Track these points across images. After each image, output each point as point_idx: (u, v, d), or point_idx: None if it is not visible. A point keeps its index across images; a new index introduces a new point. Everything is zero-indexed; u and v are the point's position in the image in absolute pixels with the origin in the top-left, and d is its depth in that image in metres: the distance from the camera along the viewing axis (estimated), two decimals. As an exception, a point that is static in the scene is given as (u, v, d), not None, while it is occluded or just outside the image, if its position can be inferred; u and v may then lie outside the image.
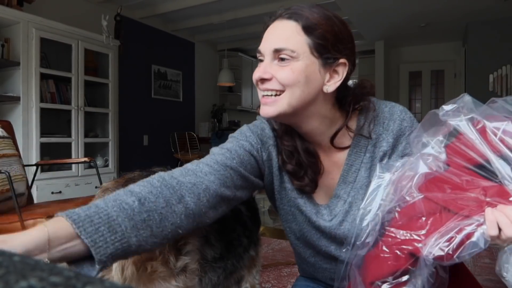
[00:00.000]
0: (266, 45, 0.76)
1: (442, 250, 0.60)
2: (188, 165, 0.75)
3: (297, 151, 0.83)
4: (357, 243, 0.70)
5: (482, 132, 0.64)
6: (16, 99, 3.32)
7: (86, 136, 3.94)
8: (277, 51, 0.74)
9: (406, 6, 4.68)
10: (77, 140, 3.81)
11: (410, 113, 0.84)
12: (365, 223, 0.70)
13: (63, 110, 3.77)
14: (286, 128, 0.84)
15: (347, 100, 0.81)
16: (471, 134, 0.64)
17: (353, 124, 0.83)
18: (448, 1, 4.51)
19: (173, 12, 5.17)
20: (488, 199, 0.60)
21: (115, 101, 4.24)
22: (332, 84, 0.77)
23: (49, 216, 1.71)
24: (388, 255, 0.65)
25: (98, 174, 2.45)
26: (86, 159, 2.59)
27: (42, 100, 3.51)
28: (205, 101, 6.88)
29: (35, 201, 2.71)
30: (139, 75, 5.39)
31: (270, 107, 0.76)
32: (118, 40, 4.29)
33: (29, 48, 3.36)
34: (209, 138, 5.80)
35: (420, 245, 0.62)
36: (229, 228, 0.98)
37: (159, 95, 5.76)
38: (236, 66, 7.19)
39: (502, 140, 0.62)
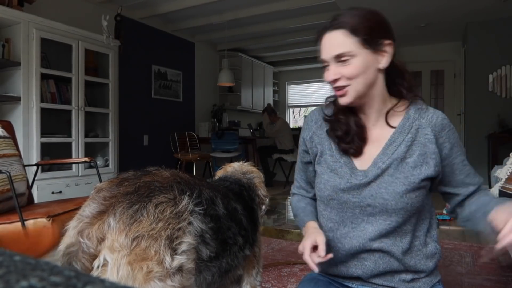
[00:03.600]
0: (328, 54, 0.96)
1: None
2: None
3: (348, 123, 1.03)
4: None
5: None
6: (17, 99, 3.32)
7: (86, 136, 3.94)
8: (338, 56, 0.94)
9: (406, 6, 4.68)
10: (77, 140, 3.82)
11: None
12: None
13: (63, 110, 3.77)
14: (342, 108, 1.04)
15: (399, 83, 1.02)
16: None
17: (401, 108, 1.02)
18: (448, 1, 4.51)
19: (173, 12, 5.17)
20: None
21: (115, 101, 4.24)
22: (384, 61, 0.96)
23: (50, 216, 1.72)
24: None
25: (99, 174, 2.45)
26: (86, 159, 2.59)
27: (42, 100, 3.51)
28: (205, 101, 6.88)
29: (36, 201, 2.71)
30: (139, 75, 5.39)
31: (346, 98, 0.98)
32: (118, 40, 4.29)
33: (29, 48, 3.37)
34: (209, 138, 5.79)
35: None
36: (224, 227, 0.98)
37: (159, 95, 5.76)
38: (236, 66, 7.18)
39: None
